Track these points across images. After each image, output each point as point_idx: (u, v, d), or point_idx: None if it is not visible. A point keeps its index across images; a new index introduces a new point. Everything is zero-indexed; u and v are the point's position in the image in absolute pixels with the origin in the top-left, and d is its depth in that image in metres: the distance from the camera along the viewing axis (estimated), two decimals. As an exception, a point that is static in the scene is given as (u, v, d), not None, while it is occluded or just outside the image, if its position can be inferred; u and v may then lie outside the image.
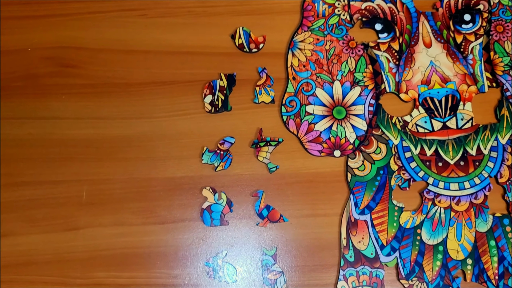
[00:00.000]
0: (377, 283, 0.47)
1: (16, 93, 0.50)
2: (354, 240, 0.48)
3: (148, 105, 0.50)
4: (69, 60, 0.51)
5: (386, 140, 0.50)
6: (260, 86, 0.51)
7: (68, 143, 0.49)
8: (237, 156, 0.49)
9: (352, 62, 0.51)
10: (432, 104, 0.50)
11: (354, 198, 0.49)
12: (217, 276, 0.47)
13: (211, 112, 0.50)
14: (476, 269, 0.47)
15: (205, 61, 0.52)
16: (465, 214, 0.48)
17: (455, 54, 0.52)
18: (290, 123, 0.50)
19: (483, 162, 0.49)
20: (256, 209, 0.48)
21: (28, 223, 0.48)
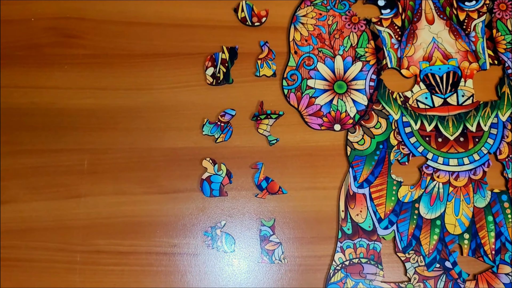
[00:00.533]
0: (374, 255, 0.47)
1: (19, 62, 0.51)
2: (352, 213, 0.48)
3: (150, 76, 0.51)
4: (72, 31, 0.51)
5: (387, 115, 0.50)
6: (261, 59, 0.51)
7: (70, 112, 0.50)
8: (238, 128, 0.50)
9: (354, 37, 0.51)
10: (433, 80, 0.50)
11: (353, 171, 0.49)
12: (215, 245, 0.47)
13: (212, 85, 0.50)
14: (473, 244, 0.48)
15: (207, 34, 0.52)
16: (464, 190, 0.48)
17: (458, 31, 0.52)
18: (291, 97, 0.50)
19: (483, 139, 0.49)
20: (255, 180, 0.48)
21: (30, 190, 0.48)
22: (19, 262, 0.47)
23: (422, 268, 0.47)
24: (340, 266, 0.47)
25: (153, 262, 0.47)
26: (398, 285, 0.47)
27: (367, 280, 0.47)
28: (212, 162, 0.48)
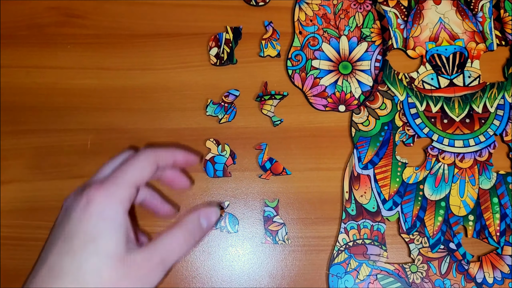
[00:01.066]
0: (378, 236, 0.47)
1: (22, 42, 0.50)
2: (356, 194, 0.48)
3: (153, 56, 0.50)
4: (74, 10, 0.51)
5: (392, 96, 0.49)
6: (266, 39, 0.51)
7: (73, 92, 0.49)
8: (242, 109, 0.49)
9: (360, 18, 0.51)
10: (439, 61, 0.50)
11: (358, 153, 0.48)
12: (219, 226, 0.47)
13: (216, 65, 0.50)
14: (477, 225, 0.47)
15: (211, 14, 0.51)
16: (469, 171, 0.48)
17: (465, 11, 0.51)
18: (295, 77, 0.50)
19: (489, 120, 0.49)
20: (259, 161, 0.48)
21: (33, 170, 0.48)
22: (22, 241, 0.47)
23: (426, 249, 0.47)
24: (343, 247, 0.47)
25: (156, 242, 0.47)
26: (402, 266, 0.47)
27: (371, 261, 0.47)
28: (215, 142, 0.48)
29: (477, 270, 0.47)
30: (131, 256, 0.32)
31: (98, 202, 0.32)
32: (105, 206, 0.32)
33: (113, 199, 0.32)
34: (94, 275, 0.30)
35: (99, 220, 0.32)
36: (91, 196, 0.32)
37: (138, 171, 0.35)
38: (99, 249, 0.31)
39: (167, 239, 0.34)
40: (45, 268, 0.31)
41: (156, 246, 0.33)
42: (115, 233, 0.32)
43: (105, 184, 0.33)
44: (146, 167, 0.35)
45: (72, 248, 0.31)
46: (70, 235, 0.31)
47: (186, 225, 0.35)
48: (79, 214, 0.32)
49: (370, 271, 0.46)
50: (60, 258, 0.31)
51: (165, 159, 0.37)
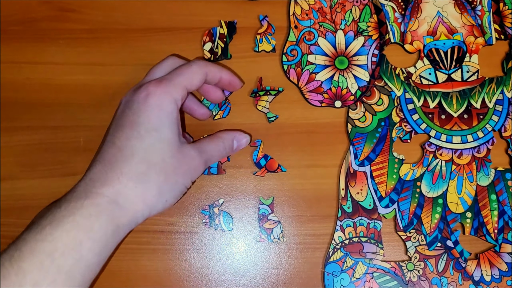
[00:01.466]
0: (374, 234, 0.46)
1: (15, 37, 0.50)
2: (353, 191, 0.47)
3: (147, 51, 0.50)
4: (68, 5, 0.50)
5: (389, 91, 0.49)
6: (261, 34, 0.50)
7: (66, 88, 0.49)
8: (236, 105, 0.49)
9: (357, 11, 0.50)
10: (437, 56, 0.49)
11: (354, 149, 0.48)
12: (213, 224, 0.47)
13: (210, 60, 0.49)
14: (475, 223, 0.47)
15: (206, 8, 0.51)
16: (467, 168, 0.47)
17: (463, 5, 0.50)
18: (290, 72, 0.49)
19: (487, 116, 0.48)
20: (254, 158, 0.48)
21: (26, 168, 0.48)
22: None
23: (423, 247, 0.46)
24: (339, 245, 0.46)
25: (150, 240, 0.47)
26: (399, 264, 0.46)
27: (367, 259, 0.46)
28: None
29: (474, 268, 0.46)
30: (186, 148, 0.38)
31: (157, 95, 0.36)
32: (163, 100, 0.37)
33: (169, 95, 0.37)
34: (159, 158, 0.36)
35: (159, 111, 0.36)
36: (150, 90, 0.37)
37: (191, 76, 0.39)
38: (162, 136, 0.36)
39: (211, 145, 0.41)
40: (115, 148, 0.36)
41: (204, 148, 0.40)
42: (173, 125, 0.37)
43: (163, 82, 0.37)
44: (198, 75, 0.40)
45: (139, 133, 0.36)
46: (136, 123, 0.36)
47: (223, 140, 0.42)
48: (140, 105, 0.36)
49: (366, 269, 0.46)
50: (129, 142, 0.35)
51: (214, 73, 0.41)
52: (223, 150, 0.42)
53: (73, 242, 0.31)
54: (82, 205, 0.33)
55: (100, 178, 0.35)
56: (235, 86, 0.44)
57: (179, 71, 0.39)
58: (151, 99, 0.36)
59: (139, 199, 0.35)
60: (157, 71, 0.41)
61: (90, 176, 0.35)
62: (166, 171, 0.36)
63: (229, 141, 0.43)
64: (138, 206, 0.35)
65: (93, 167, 0.36)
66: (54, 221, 0.32)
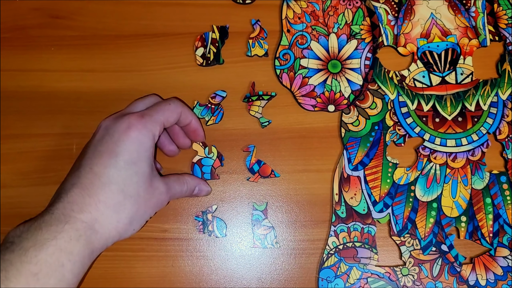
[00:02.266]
0: (368, 239, 0.46)
1: (5, 45, 0.50)
2: (346, 196, 0.47)
3: (139, 57, 0.49)
4: (58, 11, 0.50)
5: (382, 95, 0.48)
6: (253, 38, 0.50)
7: (58, 95, 0.49)
8: (229, 110, 0.49)
9: (349, 14, 0.50)
10: (431, 58, 0.49)
11: (348, 153, 0.48)
12: (207, 230, 0.47)
13: (202, 65, 0.49)
14: (470, 227, 0.46)
15: (197, 13, 0.50)
16: (461, 171, 0.47)
17: (457, 6, 0.50)
18: (283, 77, 0.49)
19: (482, 118, 0.48)
20: (247, 164, 0.47)
21: (18, 176, 0.48)
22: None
23: (417, 251, 0.46)
24: (333, 250, 0.46)
25: (144, 247, 0.47)
26: (393, 269, 0.46)
27: (361, 264, 0.46)
28: (202, 145, 0.47)
29: (469, 272, 0.46)
30: (157, 183, 0.40)
31: (138, 129, 0.38)
32: (143, 134, 0.38)
33: (148, 130, 0.38)
34: (135, 191, 0.38)
35: (139, 145, 0.38)
36: (132, 123, 0.38)
37: (168, 114, 0.41)
38: (139, 171, 0.38)
39: (176, 184, 0.43)
40: (93, 174, 0.37)
41: (171, 185, 0.42)
42: (149, 160, 0.39)
43: (145, 117, 0.39)
44: (174, 113, 0.41)
45: (118, 164, 0.37)
46: (115, 153, 0.37)
47: (187, 183, 0.44)
48: (121, 135, 0.37)
49: (361, 274, 0.46)
50: (107, 170, 0.37)
51: (186, 115, 0.43)
52: (185, 192, 0.44)
53: (56, 263, 0.33)
54: (63, 229, 0.34)
55: (79, 203, 0.36)
56: (197, 136, 0.46)
57: (159, 107, 0.41)
58: (132, 132, 0.38)
59: (113, 227, 0.37)
60: (139, 105, 0.42)
61: (68, 200, 0.36)
62: (139, 203, 0.38)
63: (192, 186, 0.44)
64: (111, 233, 0.37)
65: (70, 190, 0.36)
66: (38, 244, 0.33)
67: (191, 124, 0.44)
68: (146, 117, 0.39)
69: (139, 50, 0.49)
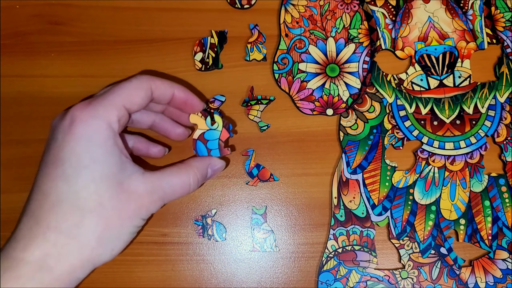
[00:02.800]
0: (367, 242, 0.46)
1: (5, 51, 0.50)
2: (345, 200, 0.47)
3: (138, 63, 0.50)
4: (58, 17, 0.50)
5: (380, 98, 0.49)
6: (251, 43, 0.50)
7: (57, 101, 0.49)
8: (228, 114, 0.49)
9: (347, 18, 0.50)
10: (429, 62, 0.49)
11: (346, 157, 0.48)
12: (206, 234, 0.47)
13: (201, 70, 0.49)
14: (469, 229, 0.47)
15: (196, 18, 0.50)
16: (460, 174, 0.47)
17: (455, 10, 0.50)
18: (282, 81, 0.49)
19: (480, 121, 0.48)
20: (246, 168, 0.48)
21: (19, 181, 0.48)
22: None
23: (416, 254, 0.46)
24: (333, 254, 0.46)
25: (144, 252, 0.47)
26: (392, 272, 0.46)
27: (361, 268, 0.46)
28: (202, 115, 0.40)
29: (468, 275, 0.46)
30: (133, 184, 0.31)
31: (82, 122, 0.30)
32: (91, 127, 0.30)
33: (99, 120, 0.30)
34: (95, 202, 0.29)
35: (88, 142, 0.29)
36: (75, 116, 0.30)
37: (130, 92, 0.32)
38: (95, 175, 0.29)
39: (172, 178, 0.33)
40: (40, 194, 0.29)
41: (161, 182, 0.32)
42: (109, 157, 0.30)
43: (91, 104, 0.31)
44: (139, 90, 0.33)
45: (64, 173, 0.29)
46: (61, 159, 0.29)
47: (194, 169, 0.34)
48: (64, 135, 0.30)
49: (360, 278, 0.46)
50: (55, 184, 0.29)
51: (163, 88, 0.35)
52: (189, 185, 0.35)
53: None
54: (2, 278, 0.27)
55: (25, 236, 0.29)
56: (193, 106, 0.37)
57: (115, 88, 0.33)
58: (76, 127, 0.30)
59: (74, 256, 0.29)
60: (102, 90, 0.35)
61: (14, 234, 0.29)
62: (106, 217, 0.30)
63: (201, 171, 0.35)
64: (74, 265, 0.29)
65: (19, 221, 0.30)
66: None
67: (176, 96, 0.36)
68: (94, 103, 0.31)
69: (138, 55, 0.50)
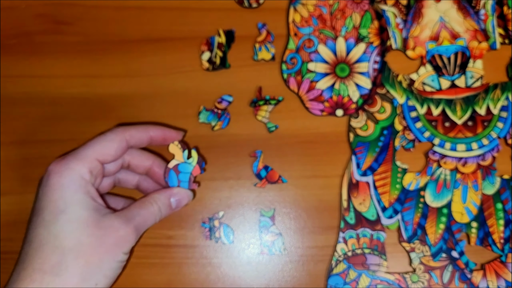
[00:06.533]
0: (377, 245, 0.46)
1: (11, 51, 0.49)
2: (355, 202, 0.46)
3: (143, 62, 0.49)
4: (63, 17, 0.50)
5: (391, 99, 0.48)
6: (260, 42, 0.49)
7: (62, 101, 0.48)
8: (235, 115, 0.48)
9: (357, 18, 0.49)
10: (440, 62, 0.48)
11: (356, 159, 0.47)
12: (213, 237, 0.46)
13: (208, 70, 0.48)
14: (481, 233, 0.46)
15: (203, 17, 0.50)
16: (471, 176, 0.46)
17: (466, 9, 0.49)
18: (290, 81, 0.48)
19: (492, 123, 0.47)
20: (254, 169, 0.47)
21: (25, 182, 0.47)
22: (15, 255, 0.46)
23: (427, 258, 0.45)
24: (342, 257, 0.45)
25: (149, 254, 0.46)
26: (403, 275, 0.45)
27: (371, 271, 0.45)
28: (181, 147, 0.41)
29: (480, 278, 0.45)
30: (107, 220, 0.34)
31: (58, 174, 0.34)
32: (64, 177, 0.34)
33: (72, 171, 0.34)
34: (74, 241, 0.32)
35: (63, 190, 0.34)
36: (50, 170, 0.35)
37: (102, 145, 0.37)
38: (72, 217, 0.33)
39: (141, 210, 0.37)
40: (26, 242, 0.33)
41: (132, 214, 0.36)
42: (84, 201, 0.34)
43: (66, 159, 0.35)
44: (111, 143, 0.37)
45: (43, 220, 0.33)
46: (40, 208, 0.33)
47: (157, 201, 0.38)
48: (43, 188, 0.34)
49: (370, 281, 0.45)
50: (37, 232, 0.33)
51: (138, 135, 0.38)
52: (158, 212, 0.38)
53: None
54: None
55: (14, 281, 0.32)
56: (172, 138, 0.40)
57: (89, 142, 0.37)
58: (51, 179, 0.34)
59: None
60: None
61: (8, 283, 0.33)
62: (85, 254, 0.33)
63: (165, 201, 0.38)
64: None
65: (13, 270, 0.34)
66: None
67: (153, 138, 0.40)
68: (68, 157, 0.35)
69: (143, 55, 0.49)
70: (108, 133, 0.38)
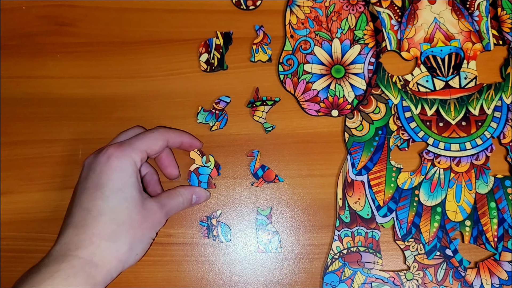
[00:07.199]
0: (372, 243, 0.46)
1: (12, 52, 0.50)
2: (350, 201, 0.47)
3: (143, 64, 0.50)
4: (64, 18, 0.51)
5: (386, 99, 0.48)
6: (257, 44, 0.50)
7: (63, 102, 0.49)
8: (233, 115, 0.49)
9: (352, 19, 0.50)
10: (434, 63, 0.49)
11: (351, 158, 0.48)
12: (211, 235, 0.47)
13: (206, 71, 0.49)
14: (474, 231, 0.46)
15: (201, 19, 0.51)
16: (465, 175, 0.47)
17: (461, 11, 0.50)
18: (287, 82, 0.49)
19: (486, 122, 0.48)
20: (251, 169, 0.48)
21: (26, 181, 0.48)
22: (17, 254, 0.47)
23: (422, 256, 0.46)
24: (338, 255, 0.46)
25: (149, 252, 0.47)
26: (397, 273, 0.46)
27: (366, 269, 0.46)
28: (200, 153, 0.47)
29: (474, 276, 0.46)
30: (148, 203, 0.41)
31: (117, 157, 0.39)
32: (123, 162, 0.39)
33: (128, 158, 0.40)
34: (127, 216, 0.39)
35: (121, 172, 0.39)
36: (111, 153, 0.40)
37: (150, 142, 0.42)
38: (127, 196, 0.39)
39: (170, 200, 0.43)
40: (83, 210, 0.38)
41: (164, 202, 0.42)
42: (135, 184, 0.40)
43: (123, 145, 0.40)
44: (158, 140, 0.43)
45: (104, 194, 0.38)
46: (99, 185, 0.38)
47: (182, 195, 0.44)
48: (102, 167, 0.39)
49: (365, 279, 0.46)
50: (95, 202, 0.38)
51: (174, 138, 0.45)
52: (181, 204, 0.44)
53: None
54: (60, 268, 0.35)
55: (74, 241, 0.37)
56: (196, 146, 0.47)
57: (141, 136, 0.42)
58: (112, 161, 0.39)
59: (113, 257, 0.38)
60: (121, 136, 0.44)
61: (64, 241, 0.37)
62: (134, 228, 0.39)
63: (188, 196, 0.45)
64: (112, 263, 0.38)
65: (65, 230, 0.38)
66: (35, 285, 0.34)
67: (183, 143, 0.46)
68: (125, 145, 0.41)
69: (144, 56, 0.50)
70: (156, 131, 0.43)
